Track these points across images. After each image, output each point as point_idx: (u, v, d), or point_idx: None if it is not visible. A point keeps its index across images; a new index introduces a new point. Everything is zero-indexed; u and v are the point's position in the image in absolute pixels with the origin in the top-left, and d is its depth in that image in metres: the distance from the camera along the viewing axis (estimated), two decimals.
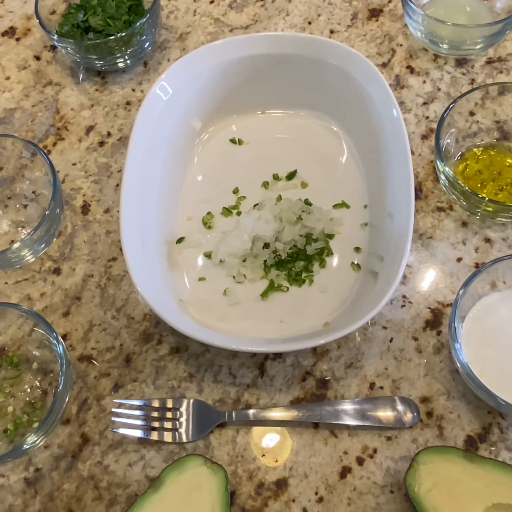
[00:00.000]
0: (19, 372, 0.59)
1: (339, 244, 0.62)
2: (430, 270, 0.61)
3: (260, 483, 0.54)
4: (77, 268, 0.65)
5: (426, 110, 0.70)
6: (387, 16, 0.77)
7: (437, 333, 0.58)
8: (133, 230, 0.57)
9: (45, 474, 0.56)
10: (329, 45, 0.62)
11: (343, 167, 0.66)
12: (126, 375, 0.59)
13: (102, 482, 0.55)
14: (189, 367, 0.59)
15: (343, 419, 0.54)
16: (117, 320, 0.62)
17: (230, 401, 0.57)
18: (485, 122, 0.66)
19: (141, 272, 0.55)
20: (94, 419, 0.57)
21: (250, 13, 0.79)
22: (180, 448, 0.55)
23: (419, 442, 0.54)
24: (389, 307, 0.60)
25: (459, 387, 0.56)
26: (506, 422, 0.54)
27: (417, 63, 0.73)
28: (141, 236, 0.57)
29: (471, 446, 0.53)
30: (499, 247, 0.62)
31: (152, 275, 0.57)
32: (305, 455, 0.54)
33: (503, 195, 0.62)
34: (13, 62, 0.79)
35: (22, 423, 0.56)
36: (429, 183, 0.65)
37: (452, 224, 0.63)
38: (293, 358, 0.59)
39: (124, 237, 0.56)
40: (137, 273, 0.55)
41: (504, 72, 0.71)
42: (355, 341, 0.59)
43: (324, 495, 0.53)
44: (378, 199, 0.63)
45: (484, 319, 0.56)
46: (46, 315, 0.62)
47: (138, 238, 0.57)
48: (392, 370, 0.57)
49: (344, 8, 0.78)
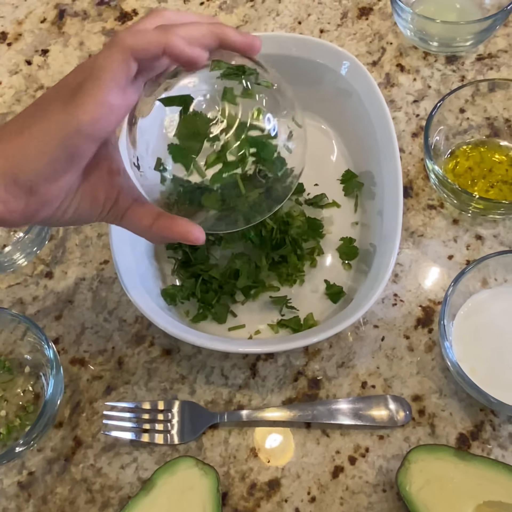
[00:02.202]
0: (12, 376, 0.59)
1: (330, 243, 0.62)
2: (422, 268, 0.61)
3: (253, 483, 0.54)
4: (69, 271, 0.65)
5: (417, 108, 0.70)
6: (377, 14, 0.77)
7: (428, 331, 0.58)
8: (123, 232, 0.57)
9: (38, 477, 0.56)
10: (317, 45, 0.62)
11: (333, 165, 0.66)
12: (118, 377, 0.59)
13: (95, 485, 0.55)
14: (181, 368, 0.59)
15: (335, 419, 0.54)
16: (109, 323, 0.62)
17: (222, 402, 0.57)
18: (476, 119, 0.66)
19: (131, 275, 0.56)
20: (87, 422, 0.57)
21: (240, 14, 0.80)
22: (173, 449, 0.55)
23: (411, 441, 0.54)
24: (381, 305, 0.60)
25: (451, 385, 0.55)
26: (498, 420, 0.54)
27: (407, 61, 0.73)
28: (130, 238, 0.57)
29: (463, 444, 0.53)
30: (490, 244, 0.61)
31: (142, 277, 0.57)
32: (297, 455, 0.54)
33: (494, 192, 0.62)
34: (4, 67, 0.79)
35: (14, 427, 0.57)
36: (419, 181, 0.65)
37: (443, 221, 0.63)
38: (284, 358, 0.58)
39: (113, 239, 0.56)
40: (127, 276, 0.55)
41: (494, 68, 0.71)
42: (347, 340, 0.59)
43: (316, 495, 0.53)
44: (368, 198, 0.63)
45: (475, 317, 0.55)
46: (38, 319, 0.62)
47: (127, 240, 0.57)
48: (384, 368, 0.57)
49: (334, 7, 0.78)
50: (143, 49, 0.38)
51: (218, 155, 0.42)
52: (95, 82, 0.38)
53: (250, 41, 0.43)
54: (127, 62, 0.38)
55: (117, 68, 0.38)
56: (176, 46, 0.38)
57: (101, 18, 0.82)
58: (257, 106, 0.43)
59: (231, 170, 0.43)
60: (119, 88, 0.38)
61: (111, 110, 0.38)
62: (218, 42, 0.42)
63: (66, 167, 0.40)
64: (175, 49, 0.38)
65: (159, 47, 0.38)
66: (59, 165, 0.39)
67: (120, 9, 0.82)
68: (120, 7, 0.82)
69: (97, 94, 0.38)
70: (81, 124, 0.38)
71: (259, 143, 0.43)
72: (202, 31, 0.41)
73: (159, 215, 0.46)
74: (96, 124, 0.38)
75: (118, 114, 0.39)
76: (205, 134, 0.42)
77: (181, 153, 0.42)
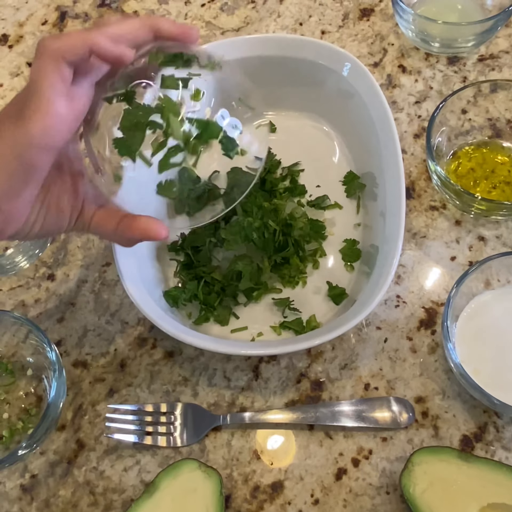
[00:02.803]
0: (14, 379, 0.59)
1: (332, 245, 0.62)
2: (424, 270, 0.61)
3: (256, 486, 0.54)
4: (71, 273, 0.65)
5: (419, 109, 0.70)
6: (378, 15, 0.77)
7: (431, 332, 0.58)
8: None
9: (41, 480, 0.56)
10: (318, 46, 0.62)
11: (335, 167, 0.66)
12: (120, 380, 0.59)
13: (98, 488, 0.55)
14: (183, 371, 0.59)
15: (338, 421, 0.54)
16: (112, 325, 0.62)
17: (225, 404, 0.57)
18: (478, 120, 0.66)
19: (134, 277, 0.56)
20: (90, 425, 0.57)
21: (242, 15, 0.79)
22: (176, 452, 0.55)
23: (415, 443, 0.54)
24: (384, 307, 0.60)
25: (454, 387, 0.55)
26: (502, 421, 0.54)
27: (408, 62, 0.73)
28: None
29: (467, 445, 0.53)
30: (493, 245, 0.61)
31: (144, 280, 0.57)
32: (300, 457, 0.54)
33: (496, 193, 0.62)
34: (6, 69, 0.79)
35: (17, 429, 0.57)
36: (422, 182, 0.65)
37: (446, 222, 0.63)
38: (287, 360, 0.58)
39: None
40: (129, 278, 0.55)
41: (496, 69, 0.71)
42: (349, 342, 0.58)
43: (319, 497, 0.53)
44: (370, 199, 0.62)
45: (478, 318, 0.55)
46: (40, 321, 0.62)
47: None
48: (387, 370, 0.57)
49: (335, 9, 0.78)
50: (69, 51, 0.38)
51: (161, 141, 0.42)
52: (35, 95, 0.38)
53: (186, 29, 0.43)
54: (59, 67, 0.38)
55: (51, 76, 0.38)
56: (100, 45, 0.38)
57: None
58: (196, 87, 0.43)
59: (176, 154, 0.43)
60: (60, 95, 0.38)
61: (59, 118, 0.38)
62: (152, 34, 0.42)
63: (25, 181, 0.40)
64: (100, 49, 0.39)
65: (85, 47, 0.38)
66: (17, 179, 0.39)
67: (121, 11, 0.82)
68: (121, 9, 0.82)
69: (40, 106, 0.38)
70: (33, 137, 0.38)
71: (201, 123, 0.43)
72: (134, 25, 0.41)
73: (123, 217, 0.46)
74: (46, 135, 0.38)
75: (68, 120, 0.39)
76: (146, 123, 0.42)
77: (124, 145, 0.42)
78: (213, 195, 0.63)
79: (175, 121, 0.42)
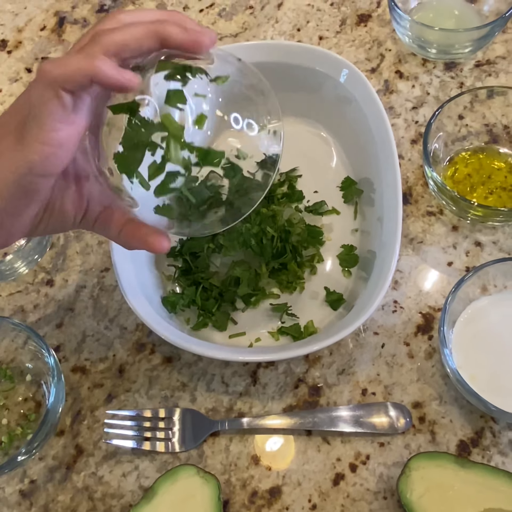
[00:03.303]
0: (13, 385, 0.59)
1: (330, 250, 0.63)
2: (421, 275, 0.61)
3: (254, 491, 0.54)
4: (70, 279, 0.65)
5: (416, 114, 0.70)
6: (376, 21, 0.77)
7: (428, 338, 0.58)
8: None
9: (40, 485, 0.56)
10: (315, 52, 0.63)
11: (333, 172, 0.67)
12: (119, 385, 0.59)
13: (97, 493, 0.55)
14: (182, 376, 0.59)
15: (335, 426, 0.54)
16: (110, 331, 0.62)
17: (223, 409, 0.57)
18: (475, 126, 0.66)
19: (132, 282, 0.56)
20: (88, 430, 0.58)
21: (240, 21, 0.80)
22: (174, 457, 0.55)
23: (412, 448, 0.54)
24: (381, 312, 0.60)
25: (451, 392, 0.56)
26: (499, 426, 0.54)
27: (406, 67, 0.73)
28: None
29: (463, 451, 0.53)
30: (489, 250, 0.62)
31: (143, 285, 0.57)
32: (298, 463, 0.54)
33: (493, 199, 0.62)
34: (4, 74, 0.79)
35: (16, 435, 0.57)
36: (419, 188, 0.65)
37: (443, 228, 0.63)
38: (285, 365, 0.59)
39: (114, 247, 0.56)
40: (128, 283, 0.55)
41: (493, 75, 0.71)
42: (347, 347, 0.59)
43: (317, 503, 0.53)
44: (368, 204, 0.63)
45: (475, 323, 0.56)
46: (39, 326, 0.63)
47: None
48: (384, 375, 0.57)
49: (333, 14, 0.78)
50: (69, 81, 0.36)
51: (159, 165, 0.40)
52: (34, 122, 0.37)
53: (198, 37, 0.39)
54: (58, 96, 0.37)
55: (51, 104, 0.37)
56: (103, 74, 0.36)
57: None
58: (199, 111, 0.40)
59: (173, 181, 0.40)
60: (60, 121, 0.37)
61: (59, 145, 0.38)
62: (159, 43, 0.39)
63: (26, 203, 0.40)
64: (102, 78, 0.36)
65: (86, 76, 0.36)
66: (18, 201, 0.40)
67: None
68: None
69: (39, 134, 0.37)
70: (33, 165, 0.38)
71: (200, 150, 0.40)
72: (139, 32, 0.38)
73: (127, 222, 0.45)
74: (46, 162, 0.38)
75: (68, 145, 0.38)
76: (147, 143, 0.39)
77: (125, 162, 0.40)
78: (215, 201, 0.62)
79: (176, 147, 0.39)
